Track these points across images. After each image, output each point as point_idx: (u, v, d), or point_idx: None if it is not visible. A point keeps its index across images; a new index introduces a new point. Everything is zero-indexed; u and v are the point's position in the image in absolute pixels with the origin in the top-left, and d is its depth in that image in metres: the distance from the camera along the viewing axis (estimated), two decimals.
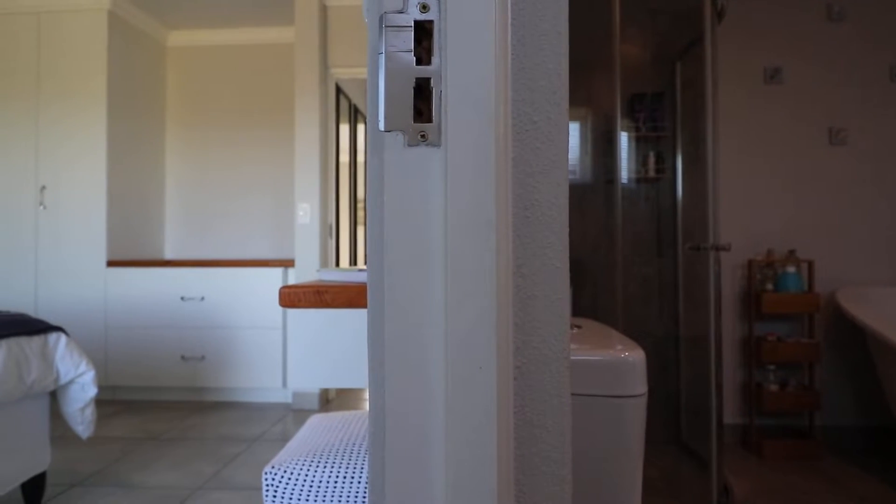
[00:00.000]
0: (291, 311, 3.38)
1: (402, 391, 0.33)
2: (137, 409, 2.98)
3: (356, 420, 1.51)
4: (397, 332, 0.34)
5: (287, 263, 3.12)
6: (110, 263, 3.12)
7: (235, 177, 3.70)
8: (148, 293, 3.11)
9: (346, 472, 1.21)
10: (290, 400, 3.15)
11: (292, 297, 1.07)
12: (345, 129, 3.71)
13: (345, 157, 3.72)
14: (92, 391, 1.85)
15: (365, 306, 1.07)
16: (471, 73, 0.33)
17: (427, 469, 0.33)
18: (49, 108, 3.16)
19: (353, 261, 4.06)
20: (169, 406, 3.05)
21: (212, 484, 2.01)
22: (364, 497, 1.20)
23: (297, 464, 1.21)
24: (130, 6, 3.29)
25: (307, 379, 1.10)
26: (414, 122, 0.34)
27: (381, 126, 0.34)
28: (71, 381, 1.82)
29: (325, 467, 1.21)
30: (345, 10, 3.19)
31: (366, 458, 1.25)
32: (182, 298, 3.10)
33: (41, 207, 3.14)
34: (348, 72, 3.25)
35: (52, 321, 3.07)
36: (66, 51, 3.16)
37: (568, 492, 0.37)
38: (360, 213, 4.24)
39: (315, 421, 1.52)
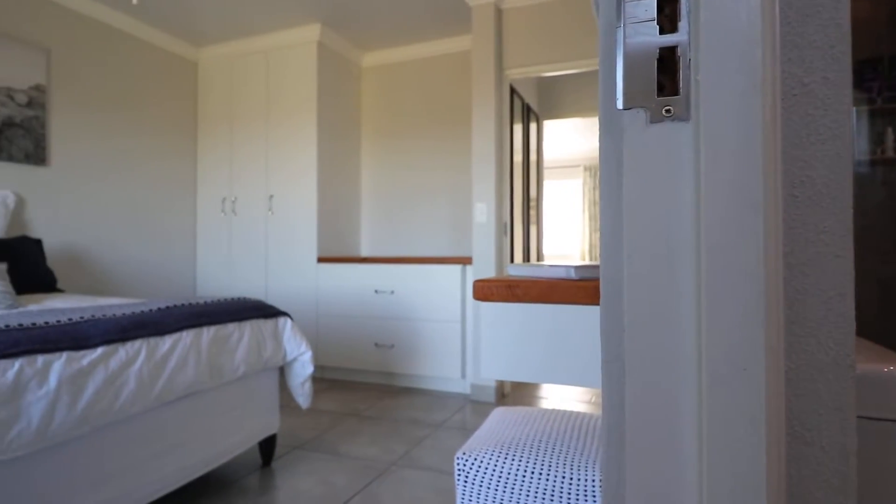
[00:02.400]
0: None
1: (646, 389, 0.31)
2: (341, 388, 3.39)
3: (539, 416, 1.51)
4: (639, 325, 0.31)
5: (465, 261, 3.25)
6: (320, 260, 3.61)
7: (420, 180, 3.98)
8: (348, 286, 3.52)
9: (533, 467, 1.21)
10: (468, 391, 3.28)
11: (485, 291, 1.10)
12: (518, 128, 3.73)
13: (518, 157, 3.74)
14: (310, 368, 2.15)
15: (556, 302, 1.04)
16: (730, 34, 0.29)
17: (678, 479, 0.30)
18: (275, 129, 3.78)
19: (527, 258, 4.06)
20: (366, 387, 3.41)
21: (403, 462, 2.19)
22: (553, 493, 1.19)
23: (485, 453, 1.25)
24: (335, 35, 3.76)
25: (495, 371, 1.12)
26: (657, 96, 0.32)
27: (620, 104, 0.32)
28: (294, 359, 2.14)
29: (513, 459, 1.23)
30: (519, 10, 3.22)
31: (554, 455, 1.23)
32: (375, 291, 3.45)
33: (270, 213, 3.78)
34: (522, 72, 3.27)
35: (279, 308, 3.66)
36: (286, 80, 3.74)
37: None
38: (532, 212, 4.23)
39: (499, 413, 1.55)
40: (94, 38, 3.31)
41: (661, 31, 0.32)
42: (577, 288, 1.02)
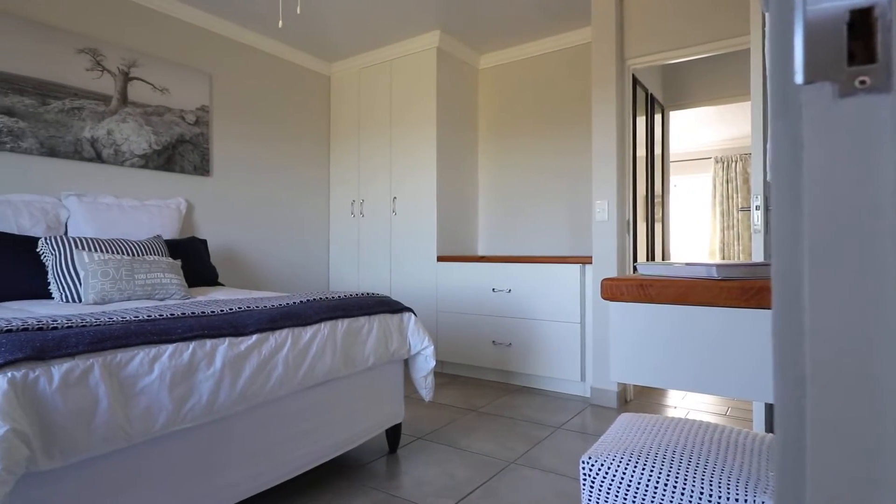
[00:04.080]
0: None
1: (834, 402, 0.28)
2: (459, 383, 3.47)
3: (671, 425, 1.42)
4: (826, 329, 0.28)
5: (584, 260, 3.15)
6: (439, 259, 3.72)
7: (536, 178, 3.94)
8: (466, 284, 3.59)
9: (666, 478, 1.14)
10: (587, 394, 3.18)
11: (614, 290, 1.07)
12: (641, 121, 3.53)
13: (641, 151, 3.54)
14: (432, 362, 2.23)
15: (694, 303, 0.97)
16: None
17: None
18: (397, 134, 3.97)
19: (651, 257, 3.83)
20: (483, 384, 3.46)
21: (522, 461, 2.18)
22: None
23: (613, 459, 1.21)
24: (453, 41, 3.85)
25: (624, 374, 1.08)
26: (847, 66, 0.28)
27: (800, 78, 0.29)
28: (418, 353, 2.23)
29: (643, 468, 1.17)
30: None
31: (690, 468, 1.15)
32: (493, 290, 3.47)
33: (393, 214, 3.98)
34: (645, 60, 3.09)
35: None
36: (408, 87, 3.91)
37: None
38: (657, 209, 3.97)
39: (626, 419, 1.49)
40: (245, 62, 3.74)
41: None
42: (720, 288, 0.94)
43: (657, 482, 1.15)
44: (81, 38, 2.84)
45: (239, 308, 1.76)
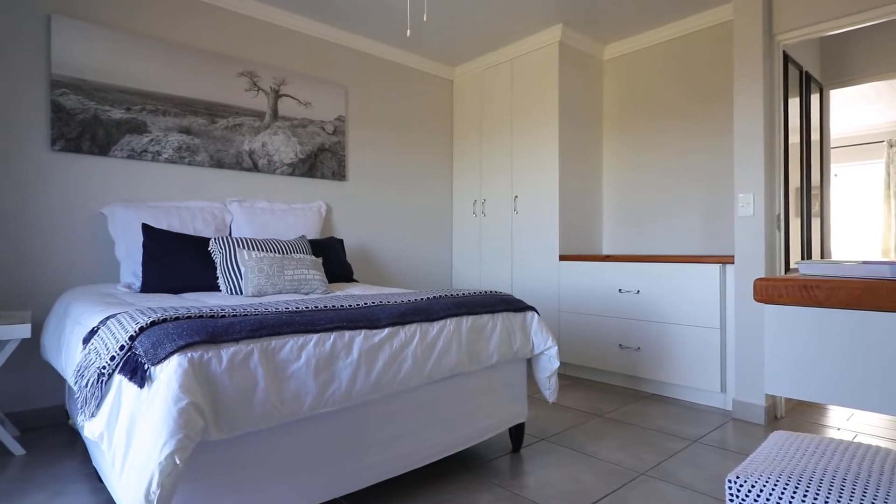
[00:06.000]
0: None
1: None
2: (583, 386, 3.36)
3: (838, 449, 1.24)
4: None
5: (725, 259, 2.88)
6: (561, 258, 3.64)
7: (666, 172, 3.68)
8: (590, 284, 3.47)
9: None
10: (728, 407, 2.90)
11: (770, 292, 0.96)
12: (793, 103, 3.13)
13: (794, 137, 3.14)
14: (556, 363, 2.19)
15: (874, 308, 0.85)
16: None
17: None
18: (518, 132, 3.96)
19: (806, 255, 3.39)
20: (609, 388, 3.31)
21: (654, 473, 2.05)
22: None
23: (766, 480, 1.09)
24: (575, 33, 3.74)
25: (782, 387, 0.96)
26: None
27: None
28: (541, 353, 2.20)
29: (804, 494, 1.04)
30: None
31: (863, 498, 1.00)
32: (619, 291, 3.31)
33: (514, 212, 3.97)
34: (798, 34, 2.73)
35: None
36: (529, 84, 3.87)
37: None
38: (815, 202, 3.50)
39: (780, 437, 1.33)
40: (376, 72, 3.98)
41: None
42: None
43: None
44: (241, 62, 3.23)
45: (373, 303, 1.88)
